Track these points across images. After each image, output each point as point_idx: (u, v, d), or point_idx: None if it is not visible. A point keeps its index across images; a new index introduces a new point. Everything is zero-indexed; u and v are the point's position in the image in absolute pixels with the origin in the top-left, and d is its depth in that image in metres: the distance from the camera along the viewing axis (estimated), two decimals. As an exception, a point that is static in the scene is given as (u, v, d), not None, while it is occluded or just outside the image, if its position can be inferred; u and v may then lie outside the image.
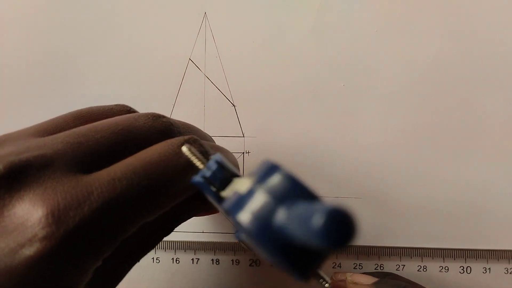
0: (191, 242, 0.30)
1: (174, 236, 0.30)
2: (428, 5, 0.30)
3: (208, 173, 0.16)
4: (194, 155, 0.17)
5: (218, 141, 0.30)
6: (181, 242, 0.30)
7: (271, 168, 0.14)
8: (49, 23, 0.31)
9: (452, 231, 0.30)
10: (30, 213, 0.15)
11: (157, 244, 0.21)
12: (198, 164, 0.17)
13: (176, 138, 0.18)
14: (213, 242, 0.30)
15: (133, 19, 0.30)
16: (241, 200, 0.14)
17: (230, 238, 0.30)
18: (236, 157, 0.30)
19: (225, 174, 0.16)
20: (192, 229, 0.30)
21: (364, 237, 0.30)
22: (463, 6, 0.30)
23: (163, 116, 0.20)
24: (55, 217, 0.15)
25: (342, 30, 0.30)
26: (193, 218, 0.30)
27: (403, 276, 0.28)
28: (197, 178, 0.16)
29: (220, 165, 0.16)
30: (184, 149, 0.17)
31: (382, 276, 0.27)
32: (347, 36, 0.30)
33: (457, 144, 0.30)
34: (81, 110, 0.20)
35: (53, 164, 0.16)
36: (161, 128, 0.19)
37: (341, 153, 0.30)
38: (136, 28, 0.30)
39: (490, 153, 0.30)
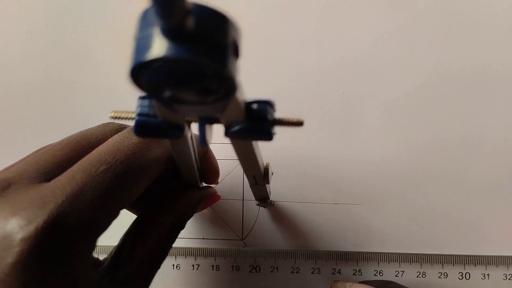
0: (192, 248, 0.30)
1: (175, 242, 0.31)
2: (428, 13, 0.30)
3: (138, 110, 0.16)
4: (122, 112, 0.18)
5: (218, 148, 0.30)
6: (182, 248, 0.30)
7: (141, 18, 0.13)
8: (51, 31, 0.31)
9: (451, 237, 0.30)
10: (3, 226, 0.16)
11: (172, 244, 0.22)
12: (130, 115, 0.17)
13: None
14: (213, 248, 0.30)
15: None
16: (140, 50, 0.13)
17: (230, 244, 0.30)
18: (235, 165, 0.30)
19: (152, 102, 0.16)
20: (192, 235, 0.31)
21: (364, 243, 0.30)
22: (463, 13, 0.30)
23: (113, 122, 0.21)
24: (25, 219, 0.16)
25: (342, 38, 0.30)
26: (194, 223, 0.30)
27: (402, 283, 0.29)
28: (135, 120, 0.16)
29: (144, 97, 0.17)
30: (112, 113, 0.18)
31: (382, 285, 0.27)
32: (347, 44, 0.30)
33: (457, 150, 0.30)
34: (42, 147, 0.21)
35: (16, 182, 0.17)
36: (113, 128, 0.21)
37: (341, 159, 0.30)
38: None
39: (490, 159, 0.30)
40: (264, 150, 0.31)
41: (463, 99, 0.30)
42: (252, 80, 0.31)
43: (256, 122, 0.17)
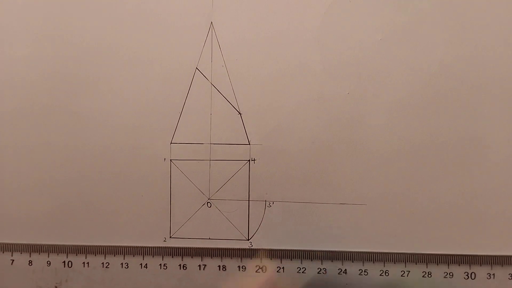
0: (198, 248, 0.31)
1: (181, 242, 0.31)
2: (432, 13, 0.30)
3: None
4: None
5: (224, 149, 0.31)
6: (188, 248, 0.31)
7: None
8: (57, 32, 0.31)
9: (456, 237, 0.30)
10: None
11: None
12: None
13: None
14: (219, 248, 0.31)
15: (141, 29, 0.31)
16: None
17: (236, 245, 0.31)
18: (242, 165, 0.30)
19: None
20: (198, 235, 0.31)
21: (370, 243, 0.30)
22: (467, 13, 0.30)
23: None
24: None
25: (346, 39, 0.30)
26: (200, 224, 0.31)
27: (408, 283, 0.29)
28: None
29: None
30: None
31: None
32: (352, 44, 0.30)
33: (462, 150, 0.30)
34: None
35: None
36: None
37: (346, 160, 0.30)
38: (144, 37, 0.31)
39: (495, 159, 0.30)
40: (271, 151, 0.31)
41: (467, 99, 0.30)
42: (255, 79, 0.31)
43: None
